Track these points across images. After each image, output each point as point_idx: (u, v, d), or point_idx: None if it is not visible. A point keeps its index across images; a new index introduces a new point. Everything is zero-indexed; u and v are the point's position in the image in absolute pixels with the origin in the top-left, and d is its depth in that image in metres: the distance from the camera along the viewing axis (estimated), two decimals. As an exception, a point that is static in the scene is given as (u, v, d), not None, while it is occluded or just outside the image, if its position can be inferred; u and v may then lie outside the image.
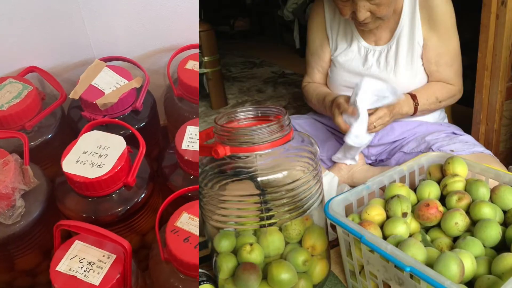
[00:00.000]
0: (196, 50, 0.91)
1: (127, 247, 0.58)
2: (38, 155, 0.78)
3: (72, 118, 0.86)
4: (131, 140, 0.74)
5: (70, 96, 0.81)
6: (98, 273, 0.57)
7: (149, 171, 0.76)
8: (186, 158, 0.72)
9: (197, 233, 0.60)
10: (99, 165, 0.68)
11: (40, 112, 0.81)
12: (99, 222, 0.68)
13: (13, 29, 0.81)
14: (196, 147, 0.73)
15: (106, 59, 0.87)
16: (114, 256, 0.59)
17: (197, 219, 0.63)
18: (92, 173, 0.67)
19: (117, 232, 0.67)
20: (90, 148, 0.70)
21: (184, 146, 0.73)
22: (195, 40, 0.93)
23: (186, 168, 0.74)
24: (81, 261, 0.58)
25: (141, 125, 0.85)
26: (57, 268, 0.58)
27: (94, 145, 0.71)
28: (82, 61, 0.89)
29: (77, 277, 0.57)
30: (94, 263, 0.58)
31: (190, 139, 0.74)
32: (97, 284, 0.56)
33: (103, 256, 0.59)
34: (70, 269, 0.58)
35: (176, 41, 0.94)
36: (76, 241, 0.61)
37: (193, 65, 0.88)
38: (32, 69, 0.85)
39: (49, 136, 0.82)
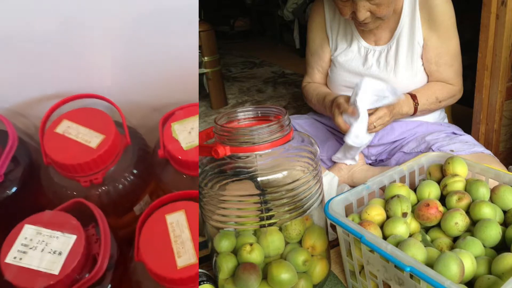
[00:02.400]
0: (84, 101, 0.69)
1: None
2: None
3: None
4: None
5: None
6: None
7: None
8: (7, 277, 0.50)
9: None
10: None
11: None
12: None
13: None
14: (25, 261, 0.51)
15: None
16: None
17: None
18: None
19: None
20: None
21: (10, 258, 0.50)
22: (84, 88, 0.69)
23: None
24: None
25: (5, 196, 0.65)
26: None
27: None
28: None
29: None
30: None
31: (22, 247, 0.51)
32: None
33: None
34: None
35: (67, 87, 0.71)
36: None
37: (66, 127, 0.63)
38: None
39: None
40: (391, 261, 0.57)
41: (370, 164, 1.07)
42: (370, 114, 0.86)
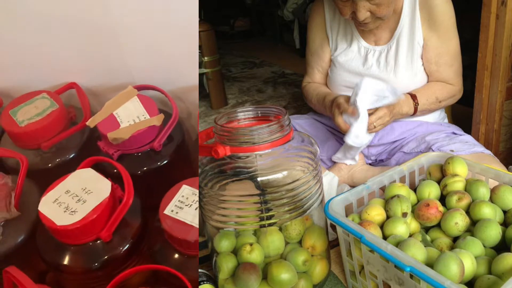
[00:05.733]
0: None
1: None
2: (53, 178, 0.68)
3: (96, 143, 0.78)
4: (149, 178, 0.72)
5: (87, 123, 0.75)
6: None
7: (137, 223, 0.66)
8: (164, 226, 0.61)
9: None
10: (72, 211, 0.60)
11: (62, 132, 0.76)
12: (66, 271, 0.63)
13: (61, 44, 0.77)
14: (182, 215, 0.62)
15: (139, 87, 0.81)
16: None
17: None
18: (60, 220, 0.60)
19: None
20: (74, 189, 0.63)
21: (168, 210, 0.62)
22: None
23: (170, 240, 0.63)
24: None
25: (157, 165, 0.76)
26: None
27: (80, 186, 0.63)
28: (123, 83, 0.82)
29: None
30: None
31: (178, 202, 0.63)
32: None
33: None
34: None
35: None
36: None
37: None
38: (71, 86, 0.82)
39: (69, 157, 0.76)
40: (391, 261, 0.57)
41: (370, 164, 1.07)
42: (370, 114, 0.86)
